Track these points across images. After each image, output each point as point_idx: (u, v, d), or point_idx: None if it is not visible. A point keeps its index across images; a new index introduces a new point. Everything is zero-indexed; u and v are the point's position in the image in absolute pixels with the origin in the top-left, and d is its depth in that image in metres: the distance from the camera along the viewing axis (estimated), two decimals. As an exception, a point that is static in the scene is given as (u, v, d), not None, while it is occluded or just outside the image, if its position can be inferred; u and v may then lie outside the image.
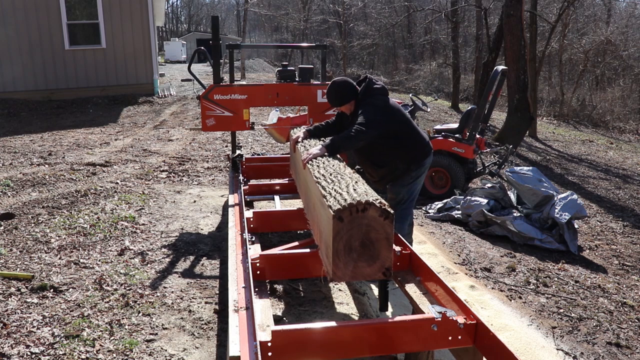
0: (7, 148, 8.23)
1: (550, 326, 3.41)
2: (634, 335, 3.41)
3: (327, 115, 5.03)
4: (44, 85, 13.34)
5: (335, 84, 3.57)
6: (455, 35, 21.34)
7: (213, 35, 4.84)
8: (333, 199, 2.19)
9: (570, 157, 10.92)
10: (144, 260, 4.03)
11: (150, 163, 7.48)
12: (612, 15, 28.35)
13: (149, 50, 14.11)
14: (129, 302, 3.33)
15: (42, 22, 12.99)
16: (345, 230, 2.09)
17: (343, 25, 26.20)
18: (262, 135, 9.86)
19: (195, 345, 2.91)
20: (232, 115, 4.78)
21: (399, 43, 38.08)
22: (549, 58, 22.02)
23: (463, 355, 2.28)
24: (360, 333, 2.16)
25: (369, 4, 31.10)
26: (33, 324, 3.02)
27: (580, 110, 20.15)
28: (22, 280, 3.57)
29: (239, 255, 2.85)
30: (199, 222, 5.03)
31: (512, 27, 10.14)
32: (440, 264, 4.27)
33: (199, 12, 63.62)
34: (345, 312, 3.39)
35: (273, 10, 37.00)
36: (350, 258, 2.14)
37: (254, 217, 3.65)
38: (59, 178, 6.34)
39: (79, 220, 4.87)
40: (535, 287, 4.02)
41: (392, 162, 3.63)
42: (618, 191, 7.78)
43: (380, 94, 3.53)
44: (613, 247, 5.22)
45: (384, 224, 2.12)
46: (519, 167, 5.65)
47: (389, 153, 3.59)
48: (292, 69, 5.20)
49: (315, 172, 2.71)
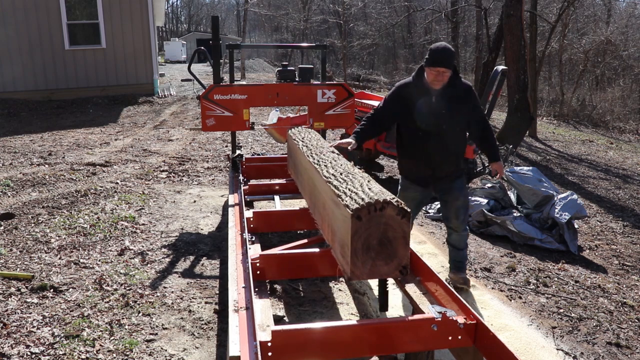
0: (7, 148, 8.23)
1: (550, 326, 3.41)
2: (634, 335, 3.41)
3: (327, 115, 5.03)
4: (44, 85, 13.34)
5: (443, 45, 3.35)
6: (455, 35, 21.36)
7: (213, 35, 4.84)
8: (349, 198, 2.21)
9: (570, 157, 10.92)
10: (144, 260, 4.03)
11: (150, 163, 7.48)
12: (612, 15, 28.36)
13: (149, 50, 14.12)
14: (129, 302, 3.34)
15: (42, 22, 12.99)
16: (363, 229, 2.11)
17: (343, 25, 26.20)
18: (262, 135, 9.86)
19: (195, 345, 2.91)
20: (232, 115, 4.78)
21: (399, 43, 38.09)
22: (549, 58, 22.03)
23: (463, 355, 2.28)
24: (360, 333, 2.16)
25: (369, 4, 31.12)
26: (33, 324, 3.02)
27: (580, 110, 20.14)
28: (22, 280, 3.57)
29: (239, 255, 2.85)
30: (199, 222, 5.03)
31: (512, 27, 10.14)
32: (440, 264, 4.27)
33: (199, 12, 63.64)
34: (345, 312, 3.39)
35: (273, 10, 37.01)
36: (368, 257, 2.16)
37: (254, 217, 3.65)
38: (59, 178, 6.34)
39: (79, 220, 4.87)
40: (535, 287, 4.02)
41: (461, 156, 3.66)
42: (618, 191, 7.78)
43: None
44: (613, 247, 5.22)
45: (401, 222, 2.14)
46: (519, 167, 5.66)
47: (463, 146, 3.68)
48: (292, 69, 5.20)
49: (324, 171, 2.71)
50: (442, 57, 3.27)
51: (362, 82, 25.54)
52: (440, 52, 3.28)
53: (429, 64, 3.31)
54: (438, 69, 3.28)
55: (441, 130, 3.41)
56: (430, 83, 3.36)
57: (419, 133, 3.45)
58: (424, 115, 3.39)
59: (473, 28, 25.08)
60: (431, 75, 3.33)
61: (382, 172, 7.45)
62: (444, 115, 3.39)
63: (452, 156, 3.55)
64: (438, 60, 3.27)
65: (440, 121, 3.40)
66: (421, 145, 3.48)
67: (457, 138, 3.54)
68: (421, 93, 3.41)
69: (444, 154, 3.50)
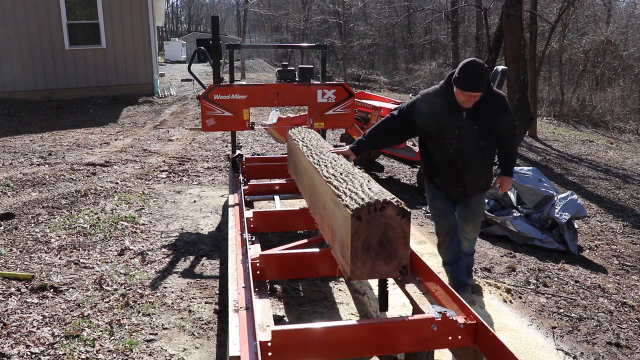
0: (7, 148, 8.23)
1: (550, 326, 3.41)
2: (634, 335, 3.41)
3: (327, 115, 5.03)
4: (44, 85, 13.34)
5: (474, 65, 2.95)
6: (455, 35, 21.36)
7: (213, 35, 4.84)
8: (349, 198, 2.21)
9: (570, 157, 10.92)
10: (144, 260, 4.03)
11: (150, 163, 7.48)
12: (612, 15, 28.35)
13: (149, 50, 14.12)
14: (129, 302, 3.34)
15: (42, 22, 12.99)
16: (363, 229, 2.11)
17: (343, 25, 26.21)
18: (262, 135, 9.86)
19: (195, 345, 2.91)
20: (232, 115, 4.78)
21: (399, 43, 38.09)
22: (549, 58, 22.02)
23: (463, 355, 2.28)
24: (360, 333, 2.16)
25: (369, 4, 31.13)
26: (33, 324, 3.02)
27: (580, 110, 20.13)
28: (22, 280, 3.57)
29: (239, 255, 2.85)
30: (199, 222, 5.03)
31: (512, 27, 10.13)
32: (440, 264, 4.26)
33: (199, 12, 63.64)
34: (345, 312, 3.39)
35: (273, 10, 37.02)
36: (368, 257, 2.16)
37: (254, 217, 3.65)
38: (59, 178, 6.34)
39: (79, 220, 4.87)
40: (535, 287, 4.02)
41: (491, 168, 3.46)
42: (618, 191, 7.78)
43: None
44: (613, 247, 5.22)
45: (401, 222, 2.14)
46: (519, 167, 5.65)
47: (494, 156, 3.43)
48: (292, 69, 5.20)
49: (324, 171, 2.71)
50: (474, 81, 2.94)
51: (362, 82, 25.54)
52: (472, 75, 2.93)
53: (460, 86, 2.98)
54: (471, 94, 2.98)
55: (473, 149, 3.18)
56: (461, 103, 3.07)
57: (450, 151, 3.19)
58: (454, 134, 3.15)
59: (473, 28, 25.09)
60: (462, 97, 3.03)
61: (382, 172, 7.45)
62: (476, 134, 3.14)
63: (484, 171, 3.38)
64: (471, 84, 2.94)
65: (473, 140, 3.16)
66: (452, 164, 3.24)
67: (490, 152, 3.34)
68: (452, 108, 3.10)
69: (476, 171, 3.29)
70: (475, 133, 3.14)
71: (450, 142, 3.17)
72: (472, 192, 3.38)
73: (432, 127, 3.19)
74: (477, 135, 3.15)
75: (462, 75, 2.95)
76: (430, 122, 3.17)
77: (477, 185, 3.36)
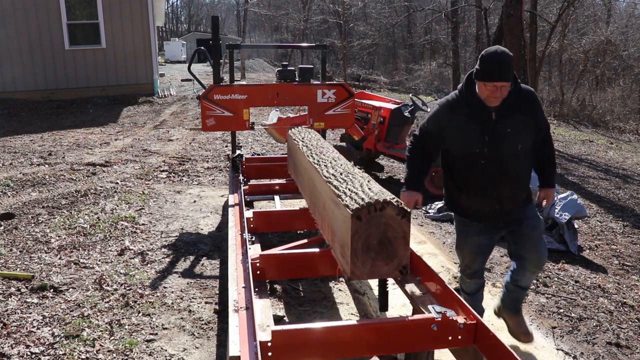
0: (7, 148, 8.23)
1: (550, 326, 3.41)
2: (634, 335, 3.41)
3: (327, 115, 5.03)
4: (44, 85, 13.34)
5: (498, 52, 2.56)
6: (455, 35, 21.37)
7: (213, 35, 4.84)
8: (349, 198, 2.21)
9: (570, 157, 10.92)
10: (144, 260, 4.03)
11: (150, 163, 7.48)
12: (612, 15, 28.35)
13: (149, 50, 14.12)
14: (129, 302, 3.34)
15: (42, 22, 12.99)
16: (363, 229, 2.11)
17: (343, 25, 26.21)
18: (262, 135, 9.86)
19: (195, 345, 2.91)
20: (232, 115, 4.78)
21: (399, 43, 38.10)
22: (549, 58, 22.04)
23: (463, 355, 2.28)
24: (360, 333, 2.16)
25: (369, 4, 31.13)
26: (33, 324, 3.02)
27: (580, 110, 20.13)
28: (22, 280, 3.57)
29: (239, 255, 2.85)
30: (199, 222, 5.03)
31: (512, 27, 10.14)
32: (440, 264, 4.27)
33: (199, 12, 63.66)
34: (345, 312, 3.39)
35: (273, 10, 37.02)
36: (368, 257, 2.16)
37: (254, 217, 3.65)
38: (59, 178, 6.35)
39: (79, 220, 4.87)
40: (535, 287, 4.02)
41: (530, 177, 2.93)
42: (618, 191, 7.78)
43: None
44: (613, 247, 5.22)
45: (401, 222, 2.14)
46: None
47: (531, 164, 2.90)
48: (292, 69, 5.20)
49: (324, 171, 2.71)
50: (499, 68, 2.52)
51: (362, 82, 25.53)
52: (497, 62, 2.52)
53: (483, 77, 2.56)
54: (495, 84, 2.55)
55: (506, 156, 2.70)
56: (486, 100, 2.63)
57: (480, 161, 2.70)
58: (484, 140, 2.68)
59: (473, 28, 25.09)
60: (486, 91, 2.59)
61: (382, 172, 7.45)
62: (509, 137, 2.67)
63: (522, 181, 2.83)
64: (495, 72, 2.52)
65: (505, 145, 2.68)
66: (483, 176, 2.74)
67: (526, 158, 2.80)
68: (476, 112, 2.67)
69: (512, 182, 2.77)
70: (509, 135, 2.67)
71: (481, 151, 2.69)
72: (511, 209, 2.83)
73: (457, 138, 2.74)
74: (510, 140, 2.68)
75: (484, 65, 2.55)
76: (454, 133, 2.74)
77: (516, 199, 2.83)
